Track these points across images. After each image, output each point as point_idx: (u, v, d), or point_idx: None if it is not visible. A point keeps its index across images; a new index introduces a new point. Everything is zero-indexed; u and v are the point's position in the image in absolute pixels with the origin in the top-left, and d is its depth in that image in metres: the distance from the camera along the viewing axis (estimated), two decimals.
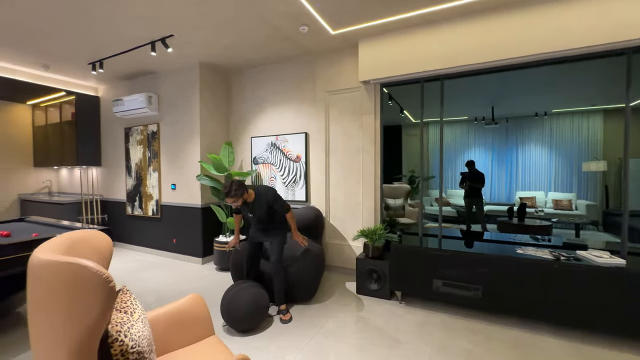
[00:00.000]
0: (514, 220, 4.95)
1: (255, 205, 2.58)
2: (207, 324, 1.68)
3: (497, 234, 4.41)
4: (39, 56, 3.86)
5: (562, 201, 5.31)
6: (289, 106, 4.01)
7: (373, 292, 3.01)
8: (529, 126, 5.48)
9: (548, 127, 5.37)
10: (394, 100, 4.12)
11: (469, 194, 4.79)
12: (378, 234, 3.02)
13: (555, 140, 5.33)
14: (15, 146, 5.54)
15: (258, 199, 2.57)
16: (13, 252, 2.11)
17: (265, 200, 2.56)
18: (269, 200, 2.56)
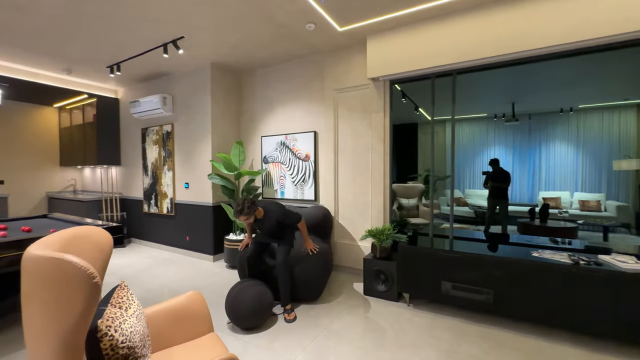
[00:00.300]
0: (535, 221, 4.72)
1: (264, 222, 2.67)
2: (206, 320, 1.70)
3: (518, 235, 4.21)
4: (62, 61, 4.05)
5: (590, 202, 5.00)
6: (298, 105, 4.00)
7: (380, 294, 2.95)
8: (553, 123, 5.20)
9: (574, 124, 5.06)
10: (407, 98, 4.03)
11: (493, 194, 4.56)
12: (386, 234, 2.95)
13: (582, 138, 5.02)
14: (43, 147, 5.87)
15: (267, 215, 2.65)
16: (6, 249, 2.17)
17: (274, 218, 2.65)
18: (279, 218, 2.65)
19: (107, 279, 3.53)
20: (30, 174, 5.70)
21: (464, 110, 5.31)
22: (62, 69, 4.40)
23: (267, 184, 4.29)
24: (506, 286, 2.36)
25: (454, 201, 5.63)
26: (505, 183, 4.50)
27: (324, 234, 3.49)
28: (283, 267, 2.63)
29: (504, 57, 2.64)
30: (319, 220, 3.44)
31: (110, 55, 3.86)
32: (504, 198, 4.39)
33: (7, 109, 5.34)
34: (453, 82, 3.04)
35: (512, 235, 4.18)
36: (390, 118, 3.37)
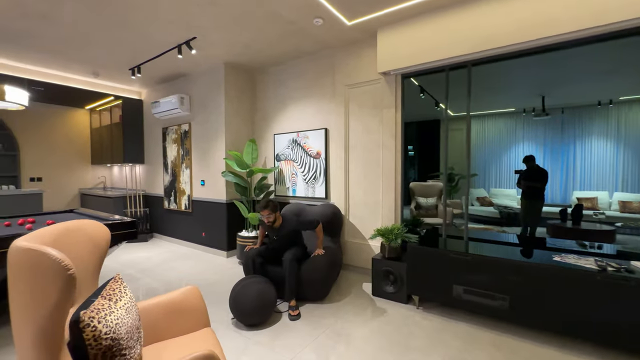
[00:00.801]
0: (567, 223, 4.36)
1: (281, 230, 2.82)
2: (202, 315, 1.71)
3: (548, 238, 3.92)
4: (88, 64, 4.30)
5: (632, 203, 4.55)
6: (310, 102, 3.97)
7: (389, 295, 2.85)
8: (589, 117, 4.78)
9: (614, 118, 4.63)
10: (426, 93, 3.87)
11: (527, 194, 4.21)
12: (395, 233, 2.85)
13: (624, 133, 4.57)
14: (76, 146, 6.28)
15: (284, 225, 2.81)
16: None
17: (292, 228, 2.82)
18: (295, 228, 2.83)
19: (125, 271, 3.71)
20: (65, 171, 6.13)
21: (488, 105, 5.02)
22: (90, 73, 4.67)
23: (279, 181, 4.30)
24: (523, 292, 2.19)
25: (479, 200, 5.36)
26: (540, 182, 4.10)
27: (333, 233, 3.44)
28: (292, 264, 2.64)
29: (525, 44, 2.45)
30: (328, 218, 3.39)
31: (131, 57, 4.03)
32: (539, 198, 4.03)
33: (43, 111, 5.77)
34: (468, 74, 2.87)
35: (540, 238, 3.90)
36: (403, 114, 3.25)
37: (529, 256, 2.50)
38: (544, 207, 4.77)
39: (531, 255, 2.54)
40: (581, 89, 4.36)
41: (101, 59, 4.10)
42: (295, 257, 2.73)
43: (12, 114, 5.36)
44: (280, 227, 2.82)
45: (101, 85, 5.21)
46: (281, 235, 2.84)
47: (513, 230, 4.57)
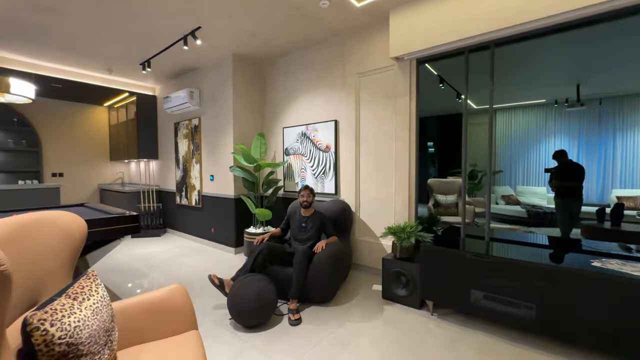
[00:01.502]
0: (605, 224, 3.92)
1: (310, 219, 2.92)
2: (188, 317, 1.58)
3: (583, 240, 3.52)
4: (100, 60, 4.34)
5: None
6: (319, 93, 3.78)
7: (400, 299, 2.63)
8: (632, 107, 4.28)
9: None
10: (446, 83, 3.58)
11: (561, 192, 3.71)
12: (407, 231, 2.61)
13: None
14: (95, 143, 6.45)
15: (315, 215, 2.93)
16: None
17: (321, 218, 2.91)
18: (322, 219, 2.90)
19: (134, 265, 3.70)
20: (85, 167, 6.30)
21: (516, 97, 4.62)
22: (104, 69, 4.73)
23: (288, 176, 4.15)
24: (553, 301, 1.90)
25: (504, 199, 4.96)
26: (574, 180, 3.56)
27: (342, 230, 3.24)
28: (304, 255, 2.56)
29: (557, 18, 2.13)
30: (336, 215, 3.20)
31: (140, 52, 4.02)
32: (576, 197, 3.51)
33: (64, 108, 5.95)
34: (491, 56, 2.58)
35: (575, 240, 3.52)
36: (417, 102, 3.00)
37: (560, 260, 2.19)
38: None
39: (564, 259, 2.23)
40: (623, 74, 3.89)
41: (113, 54, 4.11)
42: (308, 253, 2.63)
43: (34, 112, 5.56)
44: (310, 217, 2.92)
45: (116, 82, 5.28)
46: (308, 227, 2.88)
47: (542, 231, 4.17)
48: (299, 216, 2.97)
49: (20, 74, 4.28)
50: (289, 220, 3.10)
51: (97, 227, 2.53)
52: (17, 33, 3.45)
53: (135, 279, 3.29)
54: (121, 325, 1.42)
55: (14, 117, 5.34)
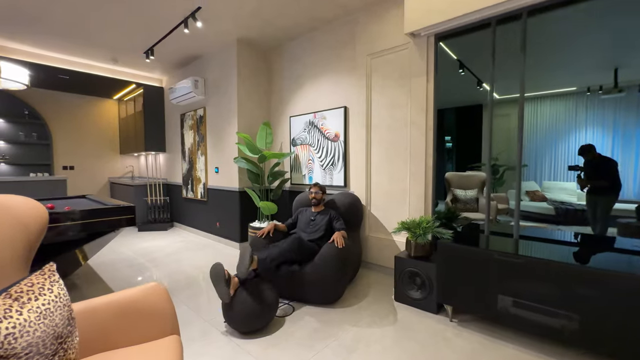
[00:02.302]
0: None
1: (319, 214, 2.80)
2: (168, 320, 1.37)
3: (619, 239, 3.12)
4: (105, 48, 4.23)
5: None
6: (327, 78, 3.52)
7: (414, 302, 2.35)
8: None
9: None
10: (465, 69, 3.23)
11: (593, 190, 3.24)
12: (423, 227, 2.33)
13: None
14: (106, 136, 6.43)
15: (324, 211, 2.81)
16: None
17: (329, 214, 2.77)
18: (332, 215, 2.76)
19: (136, 260, 3.57)
20: (96, 161, 6.30)
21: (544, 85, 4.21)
22: (109, 59, 4.63)
23: (295, 168, 3.92)
24: (601, 311, 1.58)
25: (529, 195, 4.56)
26: (609, 175, 3.10)
27: (352, 226, 2.97)
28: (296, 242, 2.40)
29: None
30: (345, 209, 2.94)
31: (142, 39, 3.88)
32: (610, 194, 3.11)
33: (74, 101, 5.94)
34: (523, 27, 2.24)
35: (610, 238, 3.11)
36: (436, 83, 2.69)
37: (602, 262, 1.86)
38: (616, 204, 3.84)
39: (607, 261, 1.89)
40: None
41: (115, 43, 3.99)
42: (301, 245, 2.42)
43: (44, 105, 5.56)
44: (320, 212, 2.82)
45: (123, 73, 5.19)
46: (317, 221, 2.75)
47: (573, 230, 3.75)
48: (308, 212, 2.87)
49: (27, 65, 4.23)
50: (297, 217, 2.91)
51: (89, 219, 2.38)
52: (19, 20, 3.36)
53: (133, 273, 3.15)
54: (86, 329, 1.22)
55: (25, 109, 5.36)
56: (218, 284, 1.96)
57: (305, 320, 2.17)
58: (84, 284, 2.88)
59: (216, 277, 1.96)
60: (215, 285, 1.96)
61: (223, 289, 1.95)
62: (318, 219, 2.78)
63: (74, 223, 2.25)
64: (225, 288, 1.94)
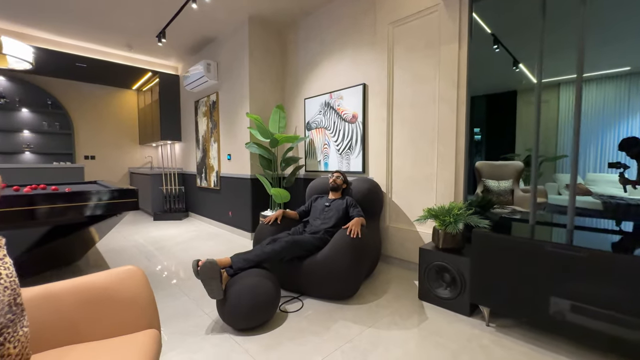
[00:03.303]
0: None
1: (336, 201, 2.56)
2: (146, 310, 1.16)
3: None
4: (119, 34, 4.15)
5: None
6: (345, 54, 3.21)
7: (443, 301, 2.02)
8: None
9: None
10: (500, 45, 2.82)
11: None
12: (454, 214, 1.99)
13: None
14: (125, 127, 6.48)
15: (342, 198, 2.59)
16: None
17: (347, 199, 2.53)
18: (348, 202, 2.51)
19: (146, 248, 3.47)
20: (116, 151, 6.36)
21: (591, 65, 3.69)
22: (124, 45, 4.57)
23: (310, 154, 3.66)
24: None
25: (569, 188, 4.04)
26: None
27: (370, 215, 2.67)
28: (288, 244, 2.07)
29: None
30: (362, 195, 2.65)
31: (153, 20, 3.75)
32: None
33: (94, 91, 6.00)
34: None
35: None
36: (470, 51, 2.32)
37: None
38: None
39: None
40: None
41: (127, 26, 3.91)
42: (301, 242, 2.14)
43: (66, 95, 5.65)
44: (335, 200, 2.57)
45: (139, 61, 5.14)
46: (332, 207, 2.50)
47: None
48: (324, 199, 2.64)
49: (44, 52, 4.25)
50: (311, 205, 2.66)
51: (87, 201, 2.25)
52: (31, 5, 3.32)
53: (139, 260, 3.03)
54: (44, 319, 1.02)
55: (48, 99, 5.45)
56: (211, 281, 1.71)
57: (313, 316, 1.91)
58: (90, 269, 2.78)
59: (210, 273, 1.71)
60: (206, 284, 1.71)
61: (216, 286, 1.71)
62: (333, 205, 2.51)
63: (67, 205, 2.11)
64: (218, 285, 1.71)
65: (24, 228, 2.68)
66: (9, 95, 5.14)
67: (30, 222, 2.11)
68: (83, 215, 2.25)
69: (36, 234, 2.66)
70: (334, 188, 2.61)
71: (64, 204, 2.13)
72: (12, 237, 2.42)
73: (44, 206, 2.02)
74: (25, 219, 2.04)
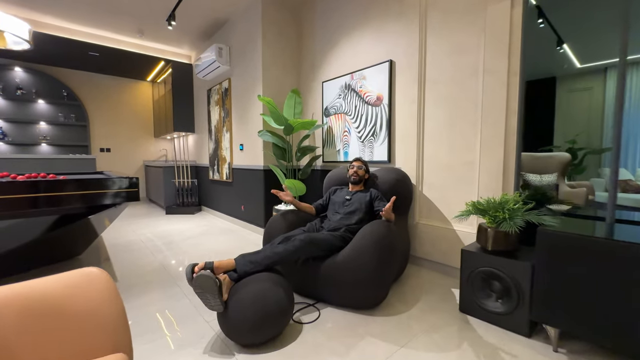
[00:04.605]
0: None
1: (358, 193, 2.22)
2: (113, 327, 0.87)
3: None
4: (129, 19, 3.97)
5: None
6: (367, 29, 2.84)
7: (492, 316, 1.64)
8: None
9: None
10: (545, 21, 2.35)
11: None
12: (509, 208, 1.60)
13: None
14: (140, 119, 6.38)
15: (365, 189, 2.26)
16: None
17: (368, 193, 2.18)
18: (372, 195, 2.17)
19: (153, 242, 3.26)
20: (130, 143, 6.28)
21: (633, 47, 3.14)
22: (135, 31, 4.40)
23: (328, 143, 3.32)
24: None
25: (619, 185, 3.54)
26: None
27: (397, 210, 2.30)
28: (303, 243, 1.73)
29: None
30: (389, 187, 2.28)
31: (163, 4, 3.53)
32: None
33: (109, 83, 5.91)
34: None
35: None
36: (525, 8, 1.89)
37: None
38: None
39: None
40: None
41: (137, 9, 3.70)
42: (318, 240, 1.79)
43: (81, 86, 5.58)
44: (357, 192, 2.23)
45: (151, 49, 4.97)
46: (353, 200, 2.16)
47: None
48: (343, 191, 2.29)
49: (57, 40, 4.13)
50: (329, 198, 2.33)
51: (83, 190, 2.02)
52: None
53: (143, 255, 2.81)
54: None
55: (64, 90, 5.40)
56: (207, 293, 1.38)
57: (332, 330, 1.58)
58: (92, 264, 2.58)
59: (206, 284, 1.37)
60: (202, 296, 1.40)
61: (213, 298, 1.39)
62: (355, 198, 2.17)
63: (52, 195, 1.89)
64: (216, 297, 1.39)
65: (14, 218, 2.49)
66: (25, 87, 5.12)
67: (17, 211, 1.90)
68: (74, 204, 2.02)
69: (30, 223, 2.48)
70: (355, 181, 2.25)
71: (53, 192, 1.91)
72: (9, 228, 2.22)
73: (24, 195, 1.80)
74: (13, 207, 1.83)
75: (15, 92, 5.01)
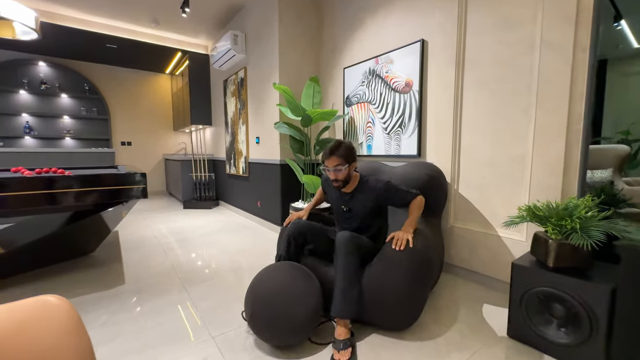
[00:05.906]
0: None
1: (354, 196, 1.67)
2: None
3: None
4: (144, 6, 3.84)
5: None
6: (395, 7, 2.51)
7: (552, 347, 1.33)
8: None
9: None
10: None
11: None
12: (579, 216, 1.27)
13: None
14: (160, 112, 6.36)
15: (362, 188, 1.65)
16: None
17: (374, 194, 1.62)
18: (380, 195, 1.61)
19: (167, 239, 3.16)
20: (150, 137, 6.28)
21: None
22: (150, 21, 4.28)
23: (350, 135, 3.05)
24: None
25: None
26: None
27: (429, 211, 2.00)
28: (348, 245, 1.44)
29: None
30: (420, 184, 1.98)
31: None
32: None
33: (128, 76, 5.90)
34: None
35: None
36: None
37: None
38: None
39: None
40: None
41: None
42: (356, 241, 1.49)
43: (102, 79, 5.60)
44: (356, 192, 1.66)
45: (167, 39, 4.86)
46: (353, 211, 1.68)
47: None
48: (335, 195, 1.76)
49: (74, 32, 4.10)
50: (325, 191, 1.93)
51: (83, 187, 1.89)
52: None
53: (154, 254, 2.69)
54: None
55: (86, 84, 5.44)
56: None
57: (356, 355, 1.34)
58: (105, 263, 2.48)
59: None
60: None
61: None
62: (354, 206, 1.67)
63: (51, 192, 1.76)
64: None
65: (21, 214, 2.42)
66: (49, 81, 5.18)
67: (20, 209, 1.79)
68: (75, 203, 1.89)
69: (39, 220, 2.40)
70: (341, 186, 1.63)
71: (56, 189, 1.78)
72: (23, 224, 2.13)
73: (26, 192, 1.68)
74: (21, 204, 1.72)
75: (39, 87, 5.08)
